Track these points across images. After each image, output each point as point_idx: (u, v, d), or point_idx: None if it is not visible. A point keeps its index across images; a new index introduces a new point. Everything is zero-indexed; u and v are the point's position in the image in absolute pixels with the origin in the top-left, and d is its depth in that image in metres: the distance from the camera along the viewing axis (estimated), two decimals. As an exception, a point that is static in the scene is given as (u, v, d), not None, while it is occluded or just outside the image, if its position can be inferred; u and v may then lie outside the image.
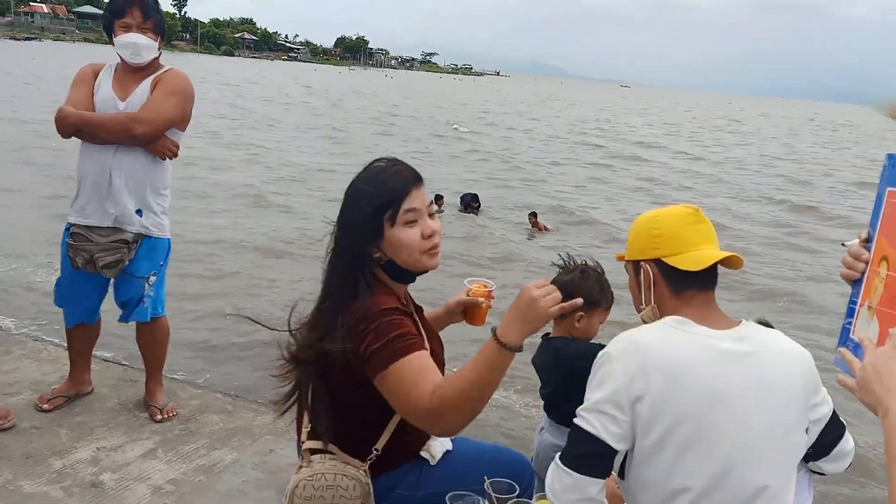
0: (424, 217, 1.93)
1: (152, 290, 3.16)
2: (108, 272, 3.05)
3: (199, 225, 9.27)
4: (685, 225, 1.75)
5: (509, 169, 18.15)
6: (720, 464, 1.58)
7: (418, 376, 1.80)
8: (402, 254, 1.91)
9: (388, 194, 1.89)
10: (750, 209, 14.83)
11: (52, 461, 2.79)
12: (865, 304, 1.16)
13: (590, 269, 2.46)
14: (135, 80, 3.09)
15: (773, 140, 36.84)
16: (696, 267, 1.69)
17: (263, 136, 20.63)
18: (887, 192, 1.17)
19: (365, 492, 1.93)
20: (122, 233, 3.05)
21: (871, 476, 4.30)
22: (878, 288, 1.12)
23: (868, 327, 1.12)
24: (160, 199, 3.16)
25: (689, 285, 1.71)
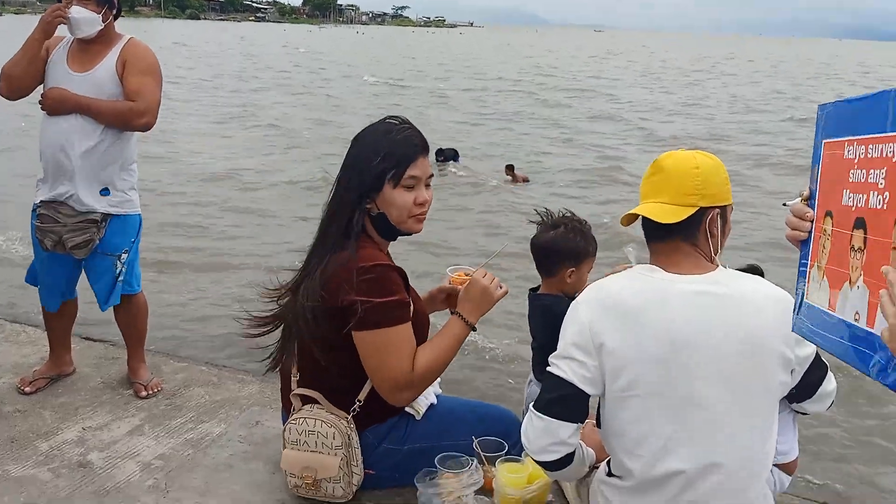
0: (422, 185, 2.06)
1: (125, 268, 3.10)
2: (79, 253, 2.98)
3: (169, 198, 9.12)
4: (644, 178, 1.75)
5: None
6: (689, 408, 1.60)
7: (402, 347, 1.95)
8: (392, 211, 2.03)
9: (397, 157, 2.01)
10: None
11: (38, 444, 2.77)
12: (815, 265, 1.12)
13: (571, 222, 2.39)
14: (93, 53, 2.98)
15: (689, 81, 35.63)
16: (626, 223, 1.75)
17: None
18: (823, 143, 1.13)
19: (346, 441, 1.98)
20: (89, 213, 2.98)
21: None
22: (826, 246, 1.08)
23: (819, 289, 1.09)
24: (126, 175, 3.08)
25: (650, 235, 1.73)
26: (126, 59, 2.98)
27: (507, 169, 11.27)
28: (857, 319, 0.97)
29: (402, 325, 1.97)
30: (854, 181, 1.01)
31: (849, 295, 1.00)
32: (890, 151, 0.93)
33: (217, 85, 22.45)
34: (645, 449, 1.63)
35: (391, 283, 1.98)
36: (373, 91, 24.81)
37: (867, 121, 0.99)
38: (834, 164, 1.08)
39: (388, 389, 2.00)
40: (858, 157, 1.00)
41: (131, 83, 2.95)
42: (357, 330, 1.95)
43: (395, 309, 1.96)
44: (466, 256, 6.91)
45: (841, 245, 1.03)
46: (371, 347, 1.96)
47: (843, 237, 1.03)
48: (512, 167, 11.30)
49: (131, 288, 3.18)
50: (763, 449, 1.67)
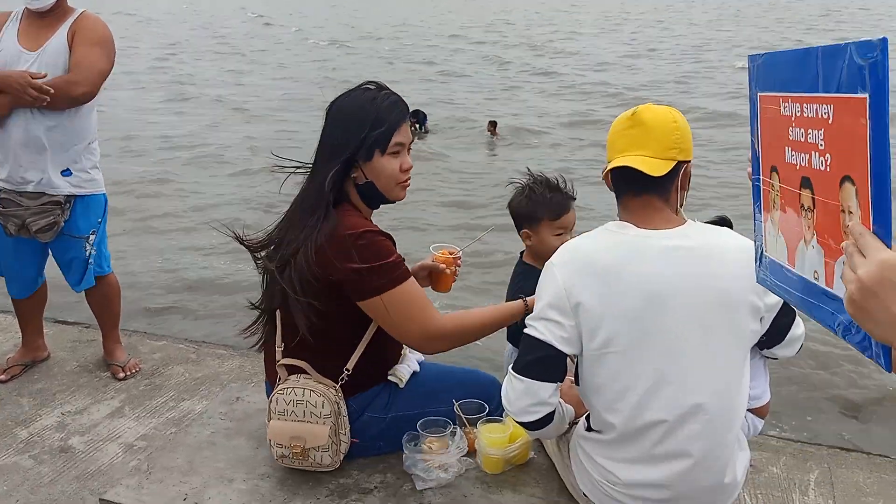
0: (405, 151, 2.04)
1: (95, 249, 3.05)
2: (44, 236, 2.92)
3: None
4: (618, 132, 1.73)
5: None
6: (665, 359, 1.63)
7: (417, 300, 1.98)
8: (381, 180, 2.01)
9: (385, 123, 1.98)
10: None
11: (18, 431, 2.75)
12: (768, 219, 1.13)
13: (534, 186, 2.38)
14: (45, 28, 2.87)
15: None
16: (603, 175, 1.74)
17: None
18: (759, 97, 1.12)
19: (334, 410, 1.99)
20: (51, 195, 2.90)
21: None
22: (776, 201, 1.09)
23: (776, 243, 1.10)
24: (88, 154, 3.00)
25: (622, 191, 1.73)
26: (76, 30, 2.88)
27: (490, 125, 11.48)
28: (816, 278, 0.98)
29: (407, 280, 1.97)
30: (794, 139, 1.00)
31: (805, 254, 1.01)
32: (825, 113, 0.92)
33: (160, 56, 21.73)
34: (625, 403, 1.66)
35: (384, 245, 1.96)
36: (319, 54, 24.23)
37: (798, 78, 0.98)
38: (772, 119, 1.07)
39: (420, 340, 2.02)
40: (795, 115, 1.00)
41: (76, 53, 2.84)
42: (364, 298, 1.94)
43: (396, 268, 1.95)
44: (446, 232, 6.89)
45: (791, 202, 1.04)
46: (387, 309, 1.95)
47: (791, 195, 1.03)
48: (494, 123, 11.48)
49: (101, 269, 3.13)
50: (738, 393, 1.71)
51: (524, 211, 2.37)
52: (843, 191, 0.89)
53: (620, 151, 1.70)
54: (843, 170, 0.89)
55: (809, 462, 2.59)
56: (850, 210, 0.87)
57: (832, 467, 2.57)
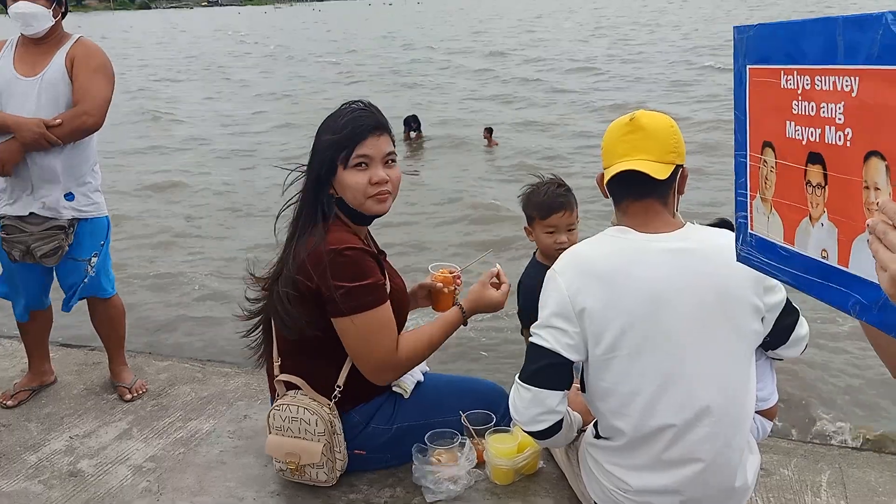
0: (377, 164, 2.03)
1: (94, 271, 3.06)
2: (48, 261, 2.93)
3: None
4: (618, 137, 1.73)
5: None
6: (671, 362, 1.62)
7: (383, 329, 1.98)
8: (348, 194, 2.02)
9: (343, 137, 2.00)
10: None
11: (27, 456, 2.74)
12: (758, 197, 1.10)
13: (533, 186, 2.56)
14: (42, 53, 2.89)
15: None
16: (605, 180, 1.73)
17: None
18: (748, 70, 1.09)
19: (328, 428, 2.00)
20: (55, 220, 2.92)
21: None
22: (770, 178, 1.06)
23: (768, 222, 1.07)
24: (90, 177, 3.02)
25: (623, 196, 1.73)
26: (75, 56, 2.89)
27: (486, 132, 11.50)
28: (824, 257, 0.95)
29: (380, 306, 1.97)
30: (800, 113, 0.96)
31: (811, 231, 0.97)
32: (846, 85, 0.88)
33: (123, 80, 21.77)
34: (633, 408, 1.66)
35: (364, 265, 1.97)
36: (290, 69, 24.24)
37: (807, 50, 0.93)
38: (767, 93, 1.03)
39: (372, 371, 2.03)
40: (802, 88, 0.96)
41: (79, 82, 2.86)
42: (336, 316, 1.96)
43: (372, 292, 1.96)
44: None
45: (791, 179, 1.00)
46: (352, 332, 1.97)
47: (793, 171, 1.00)
48: (490, 130, 11.50)
49: (105, 292, 3.14)
50: (745, 395, 1.71)
51: (524, 210, 2.57)
52: (869, 166, 0.85)
53: (621, 156, 1.69)
54: (869, 144, 0.85)
55: (821, 463, 2.57)
56: (878, 186, 0.83)
57: (844, 467, 2.55)
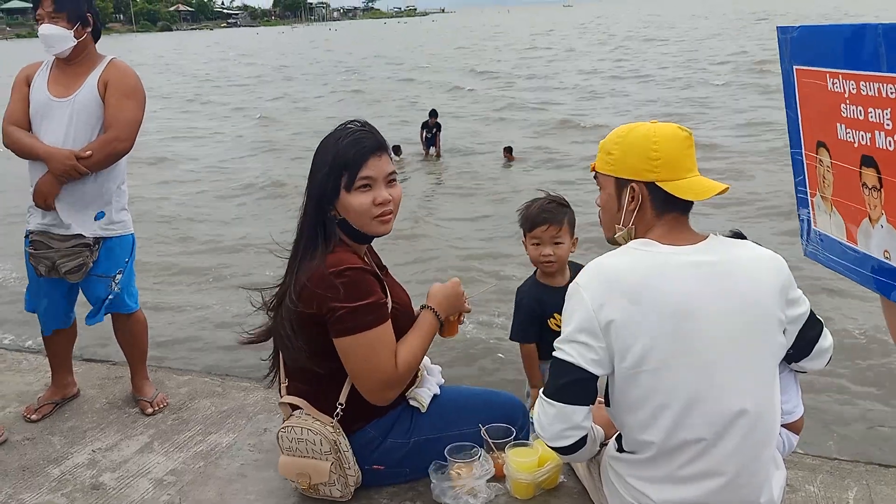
0: (380, 185, 2.02)
1: (119, 288, 3.10)
2: (72, 277, 2.98)
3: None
4: (682, 149, 1.70)
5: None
6: (699, 377, 1.60)
7: (384, 348, 1.97)
8: (351, 216, 2.02)
9: (345, 160, 1.98)
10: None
11: (50, 470, 2.77)
12: (818, 195, 1.10)
13: (530, 200, 2.69)
14: (75, 75, 2.95)
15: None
16: (700, 197, 1.67)
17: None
18: (795, 70, 1.09)
19: (333, 447, 1.99)
20: (81, 237, 2.97)
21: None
22: (827, 177, 1.06)
23: (830, 220, 1.08)
24: (118, 197, 3.06)
25: (675, 208, 1.70)
26: (108, 80, 2.94)
27: (506, 151, 11.68)
28: (887, 257, 0.95)
29: (381, 325, 1.96)
30: (849, 117, 0.96)
31: (871, 233, 0.97)
32: (892, 92, 0.88)
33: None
34: (661, 422, 1.63)
35: (365, 284, 1.96)
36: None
37: (853, 55, 0.93)
38: (816, 94, 1.04)
39: (374, 390, 2.01)
40: (849, 92, 0.95)
41: (111, 106, 2.91)
42: (338, 336, 1.95)
43: (373, 311, 1.95)
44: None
45: (847, 179, 1.00)
46: (354, 352, 1.96)
47: (848, 173, 0.99)
48: (510, 149, 11.69)
49: (128, 308, 3.18)
50: (772, 408, 1.69)
51: (519, 224, 2.68)
52: None
53: (689, 170, 1.69)
54: None
55: (847, 479, 2.53)
56: None
57: (871, 484, 2.50)
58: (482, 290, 2.49)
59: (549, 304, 2.64)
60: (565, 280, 2.65)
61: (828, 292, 5.42)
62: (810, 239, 1.15)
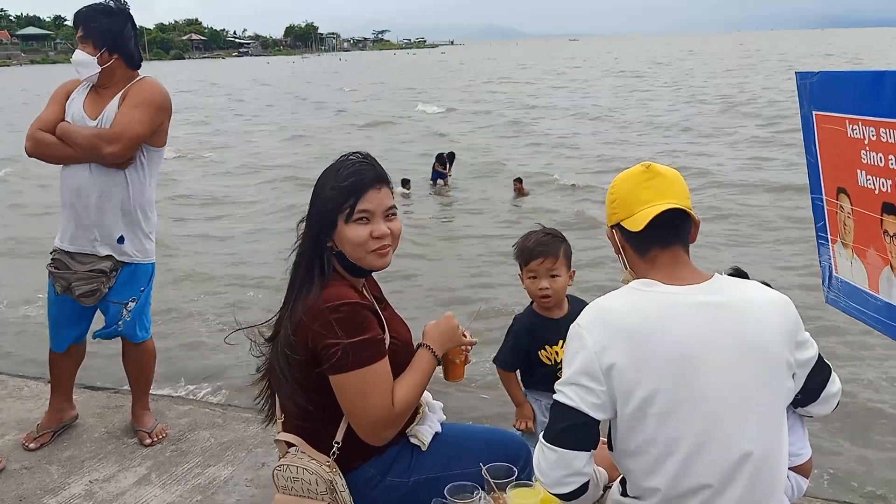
0: (378, 218, 1.99)
1: (129, 316, 3.09)
2: (86, 301, 2.99)
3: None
4: (637, 185, 1.70)
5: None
6: (706, 423, 1.57)
7: (381, 386, 1.92)
8: (348, 248, 1.98)
9: (344, 192, 1.96)
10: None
11: (47, 500, 2.74)
12: (839, 241, 1.09)
13: (526, 234, 2.70)
14: (107, 95, 2.99)
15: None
16: (637, 227, 1.66)
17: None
18: (815, 116, 1.09)
19: (329, 487, 1.95)
20: (101, 261, 2.98)
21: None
22: (848, 224, 1.05)
23: (851, 267, 1.06)
24: (145, 223, 3.07)
25: (651, 245, 1.68)
26: (127, 94, 2.97)
27: (516, 182, 11.71)
28: None
29: (378, 362, 1.91)
30: (870, 163, 0.96)
31: (894, 281, 0.96)
32: None
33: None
34: (666, 468, 1.59)
35: (361, 319, 1.91)
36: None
37: (872, 102, 0.93)
38: (835, 140, 1.03)
39: (370, 430, 1.94)
40: (869, 139, 0.95)
41: (116, 114, 2.92)
42: (333, 373, 1.90)
43: (369, 347, 1.89)
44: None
45: (868, 226, 0.99)
46: (349, 390, 1.90)
47: (869, 220, 0.99)
48: (520, 180, 11.72)
49: (137, 337, 3.17)
50: (780, 455, 1.65)
51: (515, 258, 2.68)
52: None
53: (646, 202, 1.66)
54: None
55: (856, 525, 2.48)
56: None
57: (880, 530, 2.45)
58: (472, 315, 2.40)
59: (541, 335, 2.65)
60: (563, 312, 2.65)
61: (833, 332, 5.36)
62: (831, 286, 1.13)
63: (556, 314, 2.65)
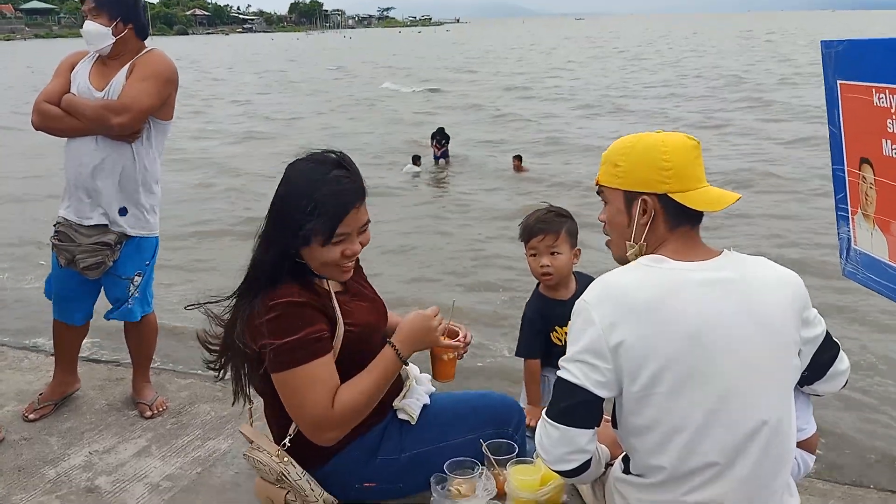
0: (353, 238, 1.92)
1: (138, 291, 3.08)
2: (90, 274, 2.97)
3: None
4: (692, 158, 1.64)
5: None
6: (715, 400, 1.54)
7: (316, 386, 1.85)
8: (314, 263, 1.92)
9: (327, 214, 1.84)
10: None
11: (46, 471, 2.73)
12: (859, 212, 1.06)
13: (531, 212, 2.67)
14: (113, 68, 2.94)
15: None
16: (715, 208, 1.60)
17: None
18: (839, 85, 1.05)
19: (280, 478, 1.94)
20: (105, 233, 2.95)
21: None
22: (870, 195, 1.02)
23: (871, 238, 1.03)
24: (148, 197, 3.04)
25: (686, 221, 1.64)
26: (135, 65, 2.92)
27: (515, 159, 11.57)
28: None
29: (314, 361, 1.84)
30: (895, 132, 0.94)
31: None
32: None
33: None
34: (673, 446, 1.56)
35: (298, 319, 1.84)
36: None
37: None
38: (860, 109, 1.01)
39: (309, 430, 1.89)
40: (895, 107, 0.93)
41: (125, 87, 2.88)
42: (271, 372, 1.88)
43: (305, 346, 1.83)
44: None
45: (892, 197, 0.97)
46: (283, 389, 1.87)
47: (893, 189, 0.96)
48: (520, 157, 11.58)
49: (143, 310, 3.15)
50: (789, 433, 1.62)
51: (519, 236, 2.64)
52: None
53: (700, 181, 1.63)
54: None
55: (859, 506, 2.46)
56: None
57: (884, 512, 2.43)
58: (450, 312, 2.16)
59: (551, 316, 2.60)
60: (570, 292, 2.61)
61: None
62: (849, 258, 1.11)
63: (563, 294, 2.61)
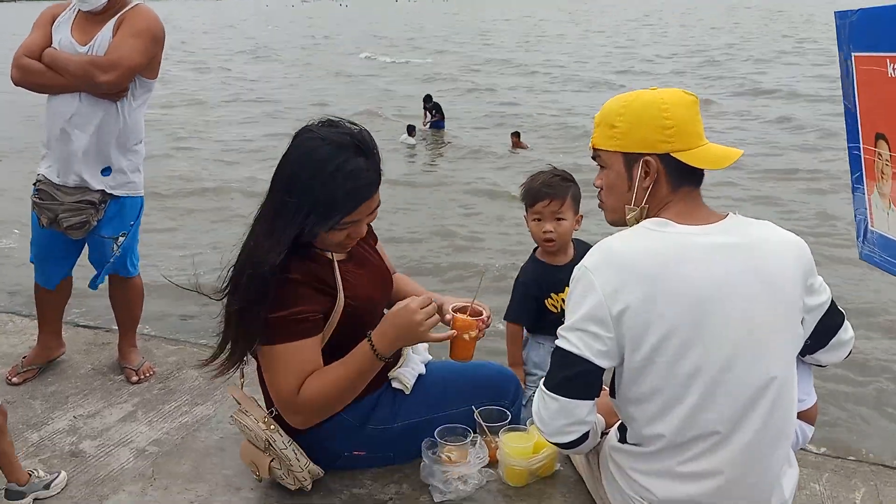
0: (361, 222, 1.90)
1: (119, 251, 3.00)
2: (74, 233, 2.89)
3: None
4: (692, 115, 1.55)
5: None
6: (719, 367, 1.48)
7: (288, 366, 1.83)
8: (319, 243, 1.91)
9: (345, 205, 1.81)
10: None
11: (29, 434, 2.68)
12: (875, 192, 1.00)
13: (533, 174, 2.58)
14: (97, 23, 2.83)
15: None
16: (720, 165, 1.52)
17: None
18: (853, 57, 0.98)
19: (266, 445, 1.93)
20: (87, 192, 2.86)
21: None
22: (886, 172, 0.96)
23: (888, 218, 0.97)
24: (131, 156, 2.95)
25: (689, 182, 1.56)
26: (122, 21, 2.82)
27: (513, 136, 11.47)
28: None
29: (294, 342, 1.81)
30: None
31: None
32: None
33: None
34: (673, 415, 1.51)
35: (289, 295, 1.81)
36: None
37: None
38: (876, 82, 0.94)
39: (279, 406, 1.90)
40: None
41: (112, 43, 2.78)
42: (261, 341, 1.88)
43: (288, 325, 1.81)
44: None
45: None
46: (263, 360, 1.89)
47: None
48: (518, 134, 11.47)
49: (127, 272, 3.09)
50: (791, 403, 1.58)
51: (520, 197, 2.56)
52: None
53: (701, 137, 1.55)
54: None
55: (854, 479, 2.43)
56: None
57: (879, 486, 2.40)
58: (478, 284, 2.05)
59: (547, 283, 2.54)
60: (567, 258, 2.55)
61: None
62: (867, 240, 1.05)
63: (561, 260, 2.55)
